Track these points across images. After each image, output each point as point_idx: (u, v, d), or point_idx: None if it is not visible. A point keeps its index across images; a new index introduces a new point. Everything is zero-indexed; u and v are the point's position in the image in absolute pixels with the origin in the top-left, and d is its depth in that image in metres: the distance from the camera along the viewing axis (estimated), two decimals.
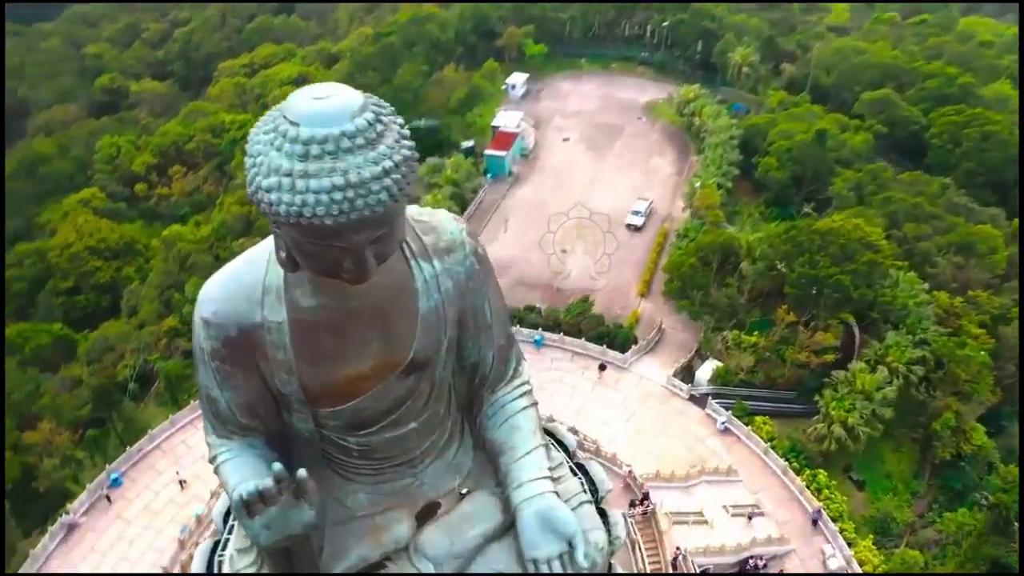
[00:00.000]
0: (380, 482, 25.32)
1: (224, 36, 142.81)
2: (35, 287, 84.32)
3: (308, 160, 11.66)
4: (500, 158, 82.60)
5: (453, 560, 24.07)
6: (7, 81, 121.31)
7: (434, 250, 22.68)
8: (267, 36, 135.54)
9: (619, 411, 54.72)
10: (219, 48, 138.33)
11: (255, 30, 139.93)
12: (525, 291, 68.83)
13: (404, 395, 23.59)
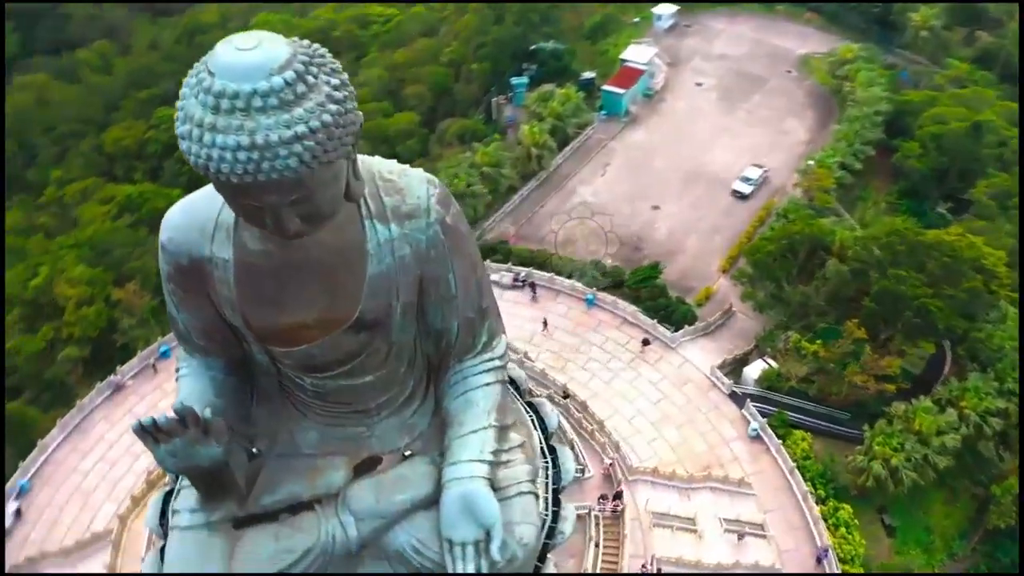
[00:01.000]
0: (332, 425, 24.85)
1: None
2: (167, 152, 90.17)
3: (219, 114, 10.63)
4: (618, 96, 78.04)
5: (375, 519, 23.49)
6: None
7: (394, 213, 21.00)
8: None
9: (649, 392, 51.96)
10: None
11: None
12: (601, 242, 66.01)
13: (357, 349, 22.58)
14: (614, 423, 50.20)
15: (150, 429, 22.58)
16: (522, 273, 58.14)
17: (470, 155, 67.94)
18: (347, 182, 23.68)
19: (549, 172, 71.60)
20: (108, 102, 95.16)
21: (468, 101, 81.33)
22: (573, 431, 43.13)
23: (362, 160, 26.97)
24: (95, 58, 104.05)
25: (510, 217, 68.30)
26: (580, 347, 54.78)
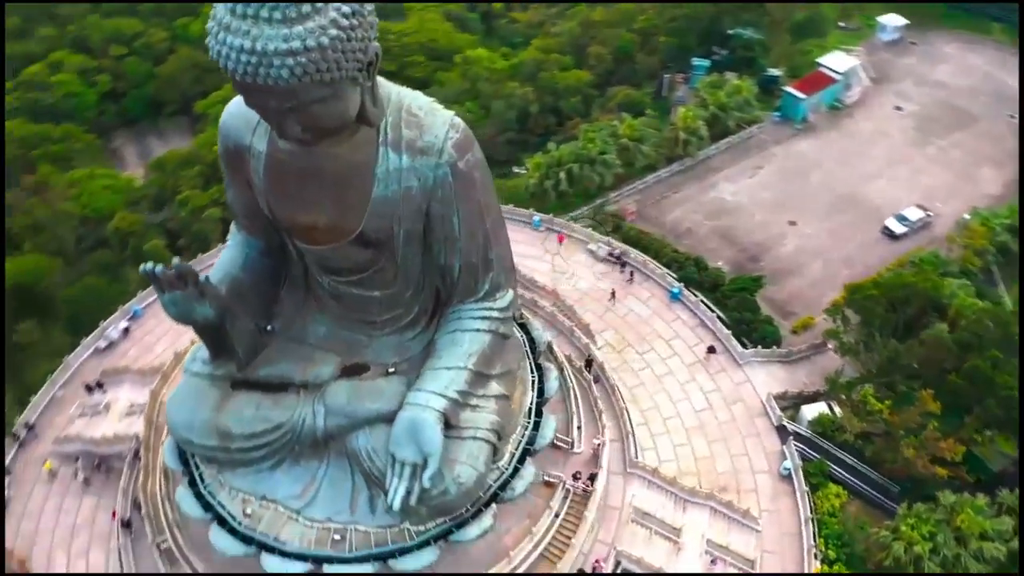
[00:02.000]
0: (340, 327, 29.90)
1: None
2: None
3: (234, 17, 14.85)
4: (799, 100, 73.72)
5: (342, 417, 28.45)
6: None
7: (408, 146, 25.66)
8: None
9: (696, 398, 50.65)
10: None
11: None
12: (721, 242, 63.91)
13: (365, 263, 27.50)
14: (648, 416, 49.86)
15: (152, 275, 27.11)
16: (617, 250, 57.90)
17: (616, 124, 67.58)
18: (363, 106, 26.31)
19: (695, 160, 69.72)
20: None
21: (645, 72, 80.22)
22: (581, 401, 43.30)
23: (397, 92, 29.50)
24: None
25: (639, 195, 67.67)
26: (647, 336, 54.16)
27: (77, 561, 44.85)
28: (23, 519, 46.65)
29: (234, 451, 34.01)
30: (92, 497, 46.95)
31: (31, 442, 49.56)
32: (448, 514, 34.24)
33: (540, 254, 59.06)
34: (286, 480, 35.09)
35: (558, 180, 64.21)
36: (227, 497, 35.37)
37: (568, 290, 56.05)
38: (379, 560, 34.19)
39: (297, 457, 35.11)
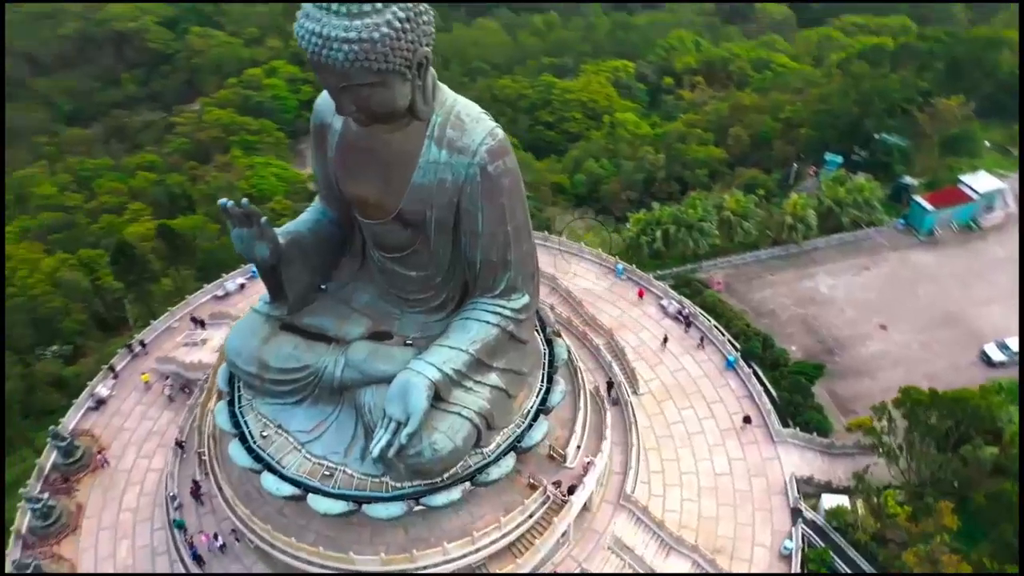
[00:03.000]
0: (380, 298, 38.97)
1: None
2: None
3: (315, 9, 23.21)
4: (926, 212, 71.88)
5: (356, 371, 37.02)
6: None
7: (449, 143, 34.86)
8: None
9: (719, 462, 50.97)
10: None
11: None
12: (801, 329, 63.75)
13: (405, 242, 36.75)
14: (667, 466, 50.89)
15: (225, 209, 34.73)
16: (686, 310, 59.53)
17: (724, 197, 69.48)
18: (414, 101, 33.09)
19: (800, 249, 69.90)
20: None
21: (779, 159, 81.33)
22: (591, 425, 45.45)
23: (454, 98, 36.32)
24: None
25: (733, 269, 68.79)
26: (691, 394, 55.20)
27: (141, 461, 52.30)
28: (115, 415, 55.06)
29: (267, 381, 39.80)
30: (171, 412, 54.57)
31: (141, 356, 58.44)
32: (423, 477, 37.86)
33: (614, 299, 61.81)
34: (302, 416, 40.36)
35: (654, 238, 66.95)
36: (253, 419, 40.98)
37: (628, 336, 58.34)
38: (354, 501, 38.30)
39: (316, 399, 40.36)
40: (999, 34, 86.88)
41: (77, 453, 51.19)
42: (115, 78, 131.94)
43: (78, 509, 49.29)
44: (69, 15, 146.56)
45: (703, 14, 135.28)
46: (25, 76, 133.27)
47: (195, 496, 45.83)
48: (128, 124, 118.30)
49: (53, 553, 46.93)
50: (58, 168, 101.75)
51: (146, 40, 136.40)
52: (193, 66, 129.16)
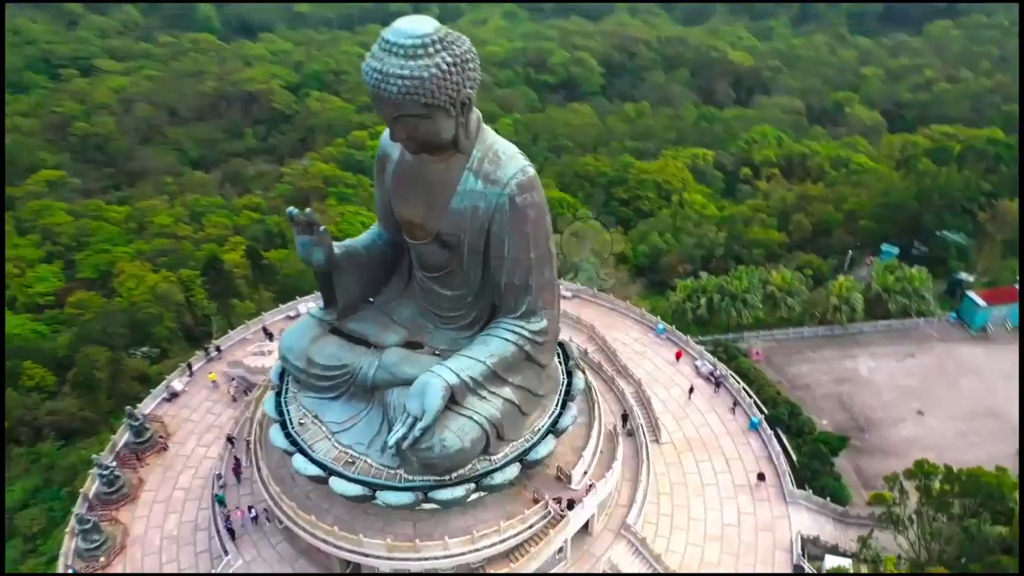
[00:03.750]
0: (418, 314, 47.86)
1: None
2: None
3: (379, 50, 31.82)
4: (981, 308, 72.17)
5: (387, 373, 45.68)
6: None
7: (485, 175, 44.66)
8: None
9: (729, 513, 52.51)
10: None
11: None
12: (834, 405, 64.94)
13: (442, 263, 46.31)
14: (677, 511, 52.84)
15: (291, 216, 43.21)
16: (718, 371, 61.88)
17: (771, 273, 72.00)
18: (456, 136, 40.90)
19: (845, 330, 71.27)
20: None
21: (837, 247, 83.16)
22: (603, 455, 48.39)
23: (494, 138, 44.11)
24: None
25: (774, 343, 70.69)
26: (711, 449, 57.15)
27: (200, 449, 58.03)
28: (184, 408, 61.40)
29: (311, 375, 45.26)
30: (232, 410, 60.49)
31: (215, 360, 65.10)
32: (432, 471, 41.90)
33: (651, 356, 64.76)
34: (337, 410, 45.42)
35: (698, 304, 69.91)
36: (294, 409, 46.28)
37: (658, 389, 61.05)
38: (369, 487, 42.53)
39: (351, 396, 45.45)
40: None
41: (146, 435, 57.43)
42: (239, 131, 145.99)
43: (139, 483, 55.13)
44: (211, 75, 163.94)
45: (791, 113, 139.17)
46: (164, 124, 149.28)
47: (236, 474, 51.01)
48: (243, 172, 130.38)
49: (112, 516, 52.65)
50: (176, 203, 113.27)
51: (271, 101, 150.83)
52: (308, 126, 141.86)
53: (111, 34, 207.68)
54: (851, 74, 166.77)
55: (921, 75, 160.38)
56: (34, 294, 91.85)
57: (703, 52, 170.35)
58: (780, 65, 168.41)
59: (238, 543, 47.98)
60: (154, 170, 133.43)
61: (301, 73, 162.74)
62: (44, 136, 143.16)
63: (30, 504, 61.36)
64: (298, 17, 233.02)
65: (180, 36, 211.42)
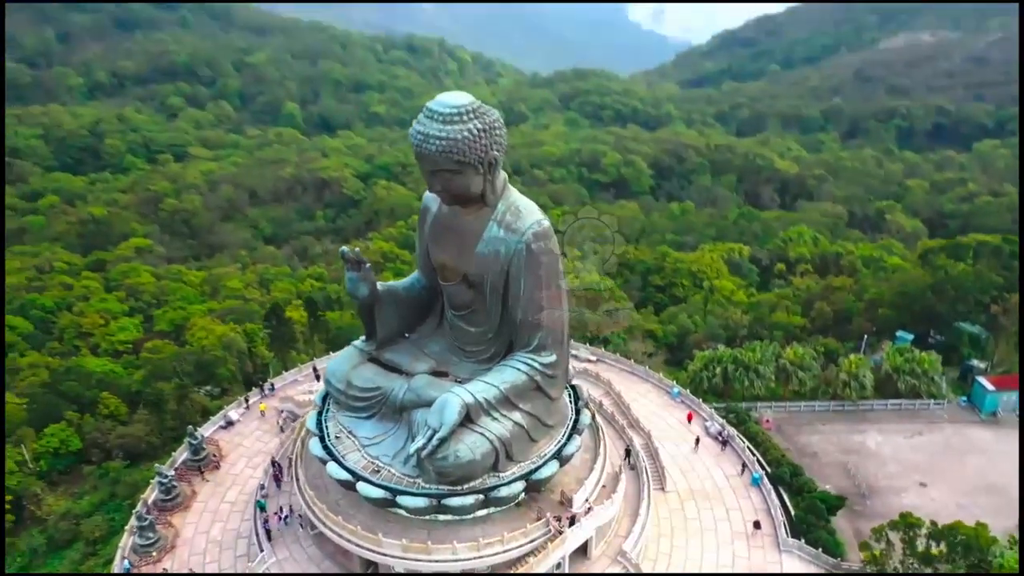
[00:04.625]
0: (446, 348, 59.66)
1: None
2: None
3: (424, 117, 42.28)
4: (991, 392, 74.97)
5: (415, 395, 56.75)
6: None
7: (506, 225, 57.47)
8: None
9: (724, 555, 55.69)
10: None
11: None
12: (839, 473, 68.03)
13: (468, 302, 58.59)
14: (676, 550, 56.59)
15: (343, 254, 53.82)
16: (725, 432, 66.16)
17: (787, 348, 76.59)
18: (484, 191, 51.47)
19: (856, 406, 74.78)
20: None
21: (855, 332, 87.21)
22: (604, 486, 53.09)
23: (516, 195, 54.64)
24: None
25: (786, 413, 74.51)
26: (713, 500, 60.92)
27: (247, 470, 64.50)
28: (237, 435, 68.35)
29: (350, 397, 52.09)
30: (278, 439, 67.21)
31: (269, 396, 72.40)
32: (445, 480, 47.59)
33: (663, 416, 69.44)
34: (369, 427, 51.88)
35: (714, 373, 74.75)
36: (332, 426, 52.90)
37: (667, 444, 65.52)
38: (390, 492, 48.33)
39: (382, 416, 51.98)
40: None
41: (202, 454, 64.38)
42: (311, 213, 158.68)
43: (192, 494, 61.70)
44: (290, 163, 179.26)
45: (830, 216, 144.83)
46: (244, 204, 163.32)
47: (276, 481, 57.32)
48: (311, 248, 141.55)
49: (166, 520, 59.11)
50: (248, 272, 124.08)
51: (342, 187, 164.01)
52: (374, 210, 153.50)
53: (205, 126, 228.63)
54: (896, 185, 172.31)
55: (965, 188, 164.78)
56: (115, 341, 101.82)
57: (750, 159, 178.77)
58: (825, 174, 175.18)
59: (273, 544, 53.71)
60: (231, 244, 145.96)
61: (371, 164, 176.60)
62: (137, 210, 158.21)
63: (95, 514, 68.29)
64: (374, 117, 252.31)
65: (266, 130, 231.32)
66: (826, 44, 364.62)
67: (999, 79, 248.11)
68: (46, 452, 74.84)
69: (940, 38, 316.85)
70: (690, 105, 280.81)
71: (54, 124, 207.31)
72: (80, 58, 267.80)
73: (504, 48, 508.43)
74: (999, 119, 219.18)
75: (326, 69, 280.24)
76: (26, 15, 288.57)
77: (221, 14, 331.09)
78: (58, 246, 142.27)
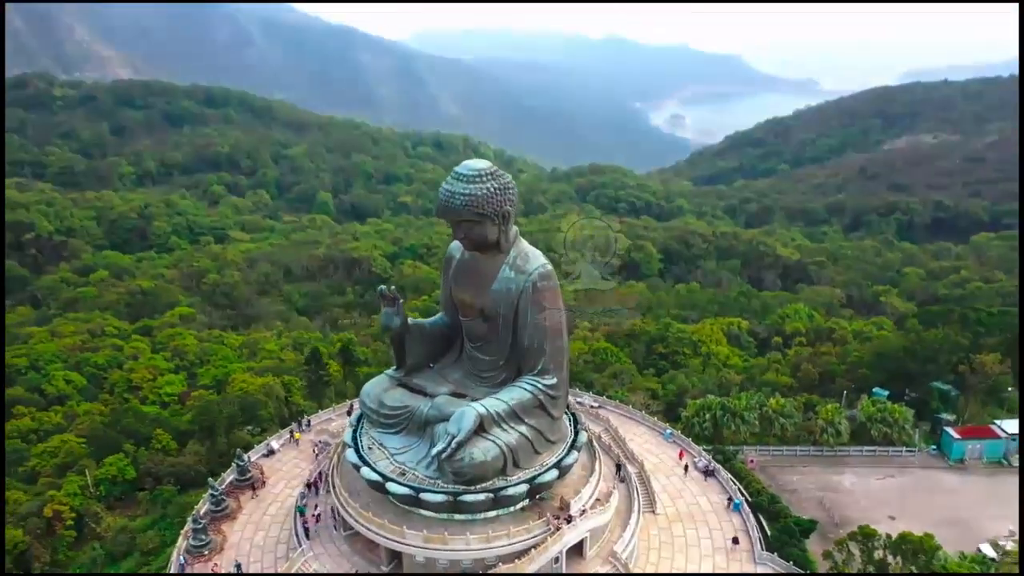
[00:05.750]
0: (464, 375, 74.00)
1: None
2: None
3: (451, 178, 54.69)
4: (957, 441, 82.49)
5: (436, 411, 71.07)
6: None
7: (516, 267, 73.29)
8: None
9: (707, 566, 63.06)
10: None
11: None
12: (815, 506, 75.47)
13: (484, 334, 73.95)
14: (663, 560, 63.99)
15: (380, 291, 67.49)
16: (711, 466, 74.11)
17: (771, 400, 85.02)
18: (499, 239, 65.57)
19: (834, 452, 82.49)
20: None
21: (837, 391, 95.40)
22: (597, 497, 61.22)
23: (527, 245, 68.41)
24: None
25: (770, 456, 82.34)
26: (698, 521, 68.41)
27: (286, 490, 73.13)
28: (278, 461, 77.29)
29: (381, 415, 61.56)
30: (313, 465, 75.96)
31: (306, 430, 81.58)
32: (460, 479, 56.33)
33: (657, 452, 77.57)
34: (398, 440, 61.03)
35: (704, 419, 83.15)
36: (365, 439, 62.11)
37: (659, 475, 73.48)
38: (414, 490, 57.04)
39: (408, 432, 61.20)
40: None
41: (248, 475, 73.34)
42: (342, 289, 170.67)
43: (238, 507, 70.37)
44: (323, 244, 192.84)
45: (827, 298, 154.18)
46: (280, 281, 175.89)
47: (315, 487, 66.04)
48: (341, 319, 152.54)
49: (216, 527, 67.63)
50: (283, 336, 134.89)
51: (371, 266, 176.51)
52: (400, 285, 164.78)
53: (244, 211, 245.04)
54: (893, 272, 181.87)
55: (959, 275, 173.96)
56: (162, 394, 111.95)
57: (754, 246, 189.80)
58: (826, 260, 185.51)
59: (311, 541, 62.08)
60: (267, 315, 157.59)
61: (398, 246, 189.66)
62: (182, 283, 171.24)
63: (149, 530, 76.79)
64: (402, 206, 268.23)
65: (301, 216, 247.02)
66: (832, 145, 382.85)
67: (995, 176, 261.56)
68: (105, 479, 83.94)
69: (941, 140, 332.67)
70: (701, 199, 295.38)
71: (106, 207, 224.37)
72: (132, 149, 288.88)
73: (528, 147, 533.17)
74: (994, 214, 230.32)
75: (358, 162, 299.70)
76: (84, 111, 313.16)
77: (263, 111, 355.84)
78: (108, 314, 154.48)
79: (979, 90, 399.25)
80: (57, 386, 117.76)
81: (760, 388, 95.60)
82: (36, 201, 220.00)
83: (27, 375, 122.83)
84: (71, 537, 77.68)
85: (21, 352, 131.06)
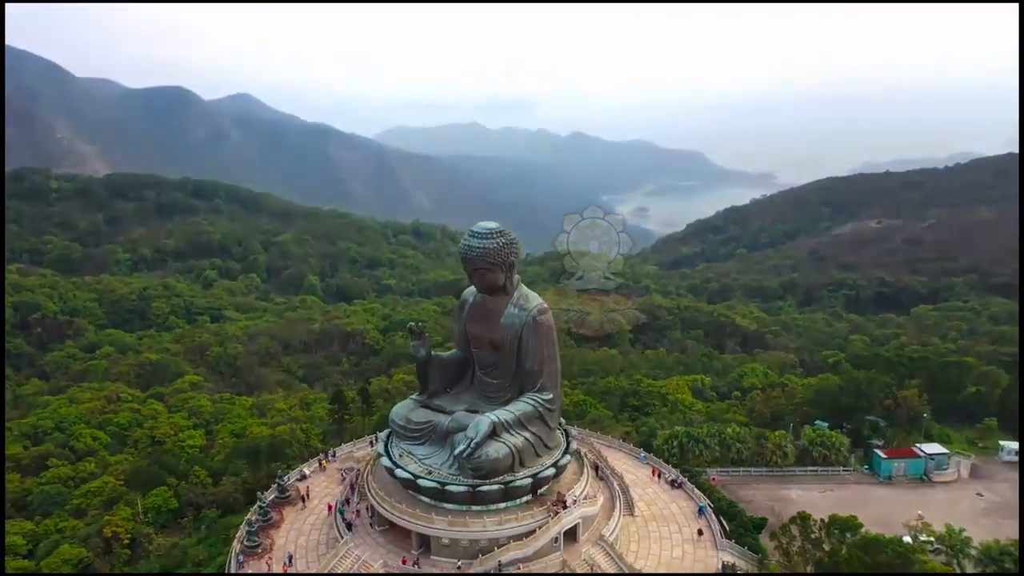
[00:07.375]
0: (475, 397, 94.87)
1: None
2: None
3: (469, 236, 72.27)
4: (884, 460, 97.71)
5: (456, 424, 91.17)
6: None
7: (519, 306, 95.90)
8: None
9: (676, 552, 76.72)
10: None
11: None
12: (768, 512, 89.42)
13: (492, 362, 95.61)
14: (642, 548, 77.46)
15: (411, 327, 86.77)
16: (679, 480, 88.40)
17: (728, 429, 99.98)
18: (505, 284, 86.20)
19: (782, 472, 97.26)
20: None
21: (785, 425, 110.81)
22: (588, 486, 75.15)
23: (527, 290, 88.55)
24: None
25: (728, 476, 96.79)
26: (669, 520, 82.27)
27: (320, 505, 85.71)
28: (309, 483, 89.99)
29: (409, 429, 75.87)
30: (341, 486, 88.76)
31: (331, 460, 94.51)
32: (478, 475, 70.32)
33: (634, 471, 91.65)
34: (423, 449, 75.19)
35: (672, 446, 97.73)
36: (395, 450, 76.08)
37: (636, 489, 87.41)
38: (439, 484, 70.81)
39: (432, 443, 75.38)
40: (969, 363, 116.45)
41: (286, 493, 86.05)
42: (338, 359, 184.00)
43: (281, 518, 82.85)
44: (317, 320, 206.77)
45: (781, 360, 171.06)
46: (279, 353, 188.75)
47: (352, 489, 79.15)
48: (341, 386, 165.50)
49: (266, 533, 79.95)
50: (291, 397, 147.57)
51: (365, 339, 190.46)
52: (392, 356, 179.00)
53: (237, 293, 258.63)
54: (841, 339, 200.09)
55: (899, 340, 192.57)
56: (186, 447, 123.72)
57: (715, 317, 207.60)
58: (780, 330, 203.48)
59: (351, 534, 74.83)
60: (270, 384, 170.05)
61: (388, 320, 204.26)
62: (186, 356, 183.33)
63: (198, 546, 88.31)
64: (386, 287, 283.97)
65: (291, 298, 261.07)
66: (786, 231, 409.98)
67: (932, 256, 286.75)
68: (152, 508, 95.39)
69: (884, 224, 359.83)
70: (666, 280, 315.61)
71: (107, 290, 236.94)
72: (126, 237, 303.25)
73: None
74: (932, 288, 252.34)
75: (343, 248, 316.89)
76: (79, 202, 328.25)
77: (250, 202, 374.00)
78: (120, 383, 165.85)
79: (918, 180, 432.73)
80: (84, 442, 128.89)
81: (721, 426, 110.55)
82: (39, 284, 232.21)
83: (53, 435, 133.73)
84: (126, 555, 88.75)
85: (45, 415, 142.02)
